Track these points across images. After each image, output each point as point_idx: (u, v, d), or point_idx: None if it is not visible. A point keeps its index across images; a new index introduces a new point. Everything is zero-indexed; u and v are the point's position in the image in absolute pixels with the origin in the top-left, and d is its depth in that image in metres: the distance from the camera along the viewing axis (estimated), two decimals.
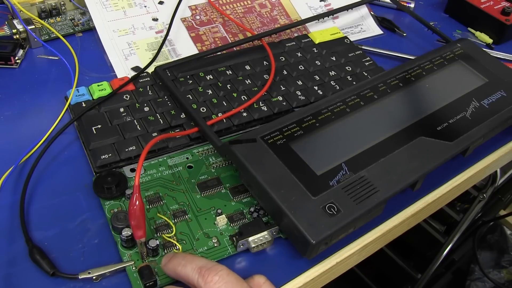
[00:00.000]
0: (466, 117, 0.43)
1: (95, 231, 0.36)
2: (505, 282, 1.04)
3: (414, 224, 0.43)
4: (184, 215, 0.37)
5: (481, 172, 0.46)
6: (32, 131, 0.42)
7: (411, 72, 0.47)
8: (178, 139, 0.41)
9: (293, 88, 0.48)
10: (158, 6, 0.56)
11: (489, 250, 1.08)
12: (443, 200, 0.44)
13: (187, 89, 0.46)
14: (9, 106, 0.45)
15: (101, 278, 0.33)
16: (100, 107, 0.43)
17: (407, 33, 0.62)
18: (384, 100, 0.44)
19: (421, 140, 0.40)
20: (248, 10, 0.59)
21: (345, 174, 0.36)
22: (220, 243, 0.35)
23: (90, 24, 0.54)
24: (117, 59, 0.50)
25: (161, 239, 0.35)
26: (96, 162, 0.39)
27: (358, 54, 0.54)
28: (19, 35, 0.51)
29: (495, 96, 0.46)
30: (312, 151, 0.38)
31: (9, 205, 0.37)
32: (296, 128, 0.39)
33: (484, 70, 0.49)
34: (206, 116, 0.44)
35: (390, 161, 0.38)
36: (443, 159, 0.39)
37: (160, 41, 0.52)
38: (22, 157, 0.39)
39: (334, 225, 0.33)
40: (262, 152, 0.37)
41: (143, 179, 0.39)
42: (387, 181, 0.36)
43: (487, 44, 0.62)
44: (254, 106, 0.45)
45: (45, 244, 0.34)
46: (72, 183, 0.39)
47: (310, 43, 0.54)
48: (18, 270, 0.33)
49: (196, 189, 0.39)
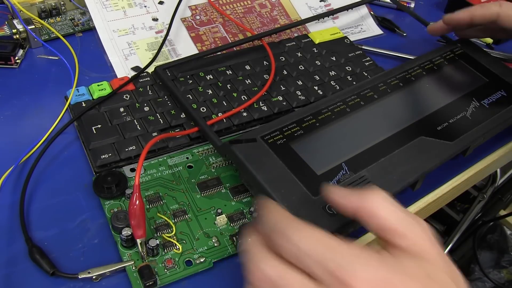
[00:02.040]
0: (466, 117, 0.43)
1: (95, 231, 0.36)
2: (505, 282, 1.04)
3: None
4: (184, 215, 0.37)
5: (481, 172, 0.46)
6: (32, 131, 0.42)
7: (411, 72, 0.47)
8: (178, 139, 0.41)
9: (293, 88, 0.48)
10: (158, 6, 0.56)
11: (489, 250, 1.08)
12: (443, 200, 0.44)
13: (187, 89, 0.46)
14: (9, 106, 0.45)
15: (101, 277, 0.33)
16: (100, 107, 0.43)
17: (407, 33, 0.62)
18: (384, 100, 0.44)
19: (421, 140, 0.40)
20: (248, 10, 0.59)
21: (345, 174, 0.36)
22: (220, 243, 0.35)
23: (90, 24, 0.54)
24: (117, 59, 0.50)
25: (161, 239, 0.35)
26: (96, 162, 0.39)
27: (358, 54, 0.54)
28: (19, 35, 0.51)
29: (495, 96, 0.46)
30: (312, 151, 0.38)
31: (9, 205, 0.37)
32: (296, 128, 0.39)
33: (484, 70, 0.49)
34: (206, 116, 0.44)
35: (390, 161, 0.38)
36: (443, 159, 0.39)
37: (160, 41, 0.52)
38: (22, 157, 0.39)
39: (334, 225, 0.33)
40: (262, 152, 0.36)
41: (143, 179, 0.39)
42: (387, 181, 0.36)
43: (487, 44, 0.62)
44: (254, 106, 0.45)
45: (45, 244, 0.34)
46: (72, 183, 0.39)
47: (310, 43, 0.54)
48: (18, 270, 0.33)
49: (196, 189, 0.39)
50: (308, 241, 0.25)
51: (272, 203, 0.28)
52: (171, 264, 0.33)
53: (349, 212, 0.27)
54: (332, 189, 0.29)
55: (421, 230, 0.26)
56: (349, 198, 0.27)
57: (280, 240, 0.25)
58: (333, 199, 0.28)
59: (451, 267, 0.26)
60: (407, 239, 0.25)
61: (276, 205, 0.28)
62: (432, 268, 0.25)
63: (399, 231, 0.25)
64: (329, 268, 0.23)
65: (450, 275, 0.25)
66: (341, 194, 0.28)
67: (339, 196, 0.28)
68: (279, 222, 0.26)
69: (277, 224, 0.26)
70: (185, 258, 0.34)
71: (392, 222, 0.26)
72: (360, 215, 0.27)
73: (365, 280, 0.23)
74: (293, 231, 0.25)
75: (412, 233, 0.25)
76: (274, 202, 0.28)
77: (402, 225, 0.26)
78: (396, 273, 0.24)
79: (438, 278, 0.24)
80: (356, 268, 0.23)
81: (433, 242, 0.26)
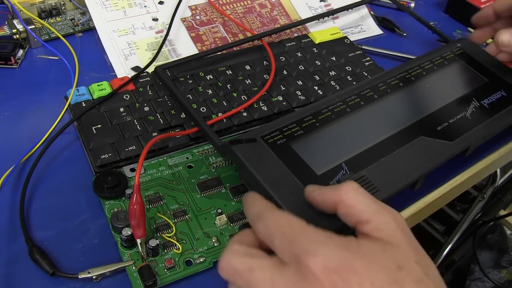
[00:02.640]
0: (466, 117, 0.43)
1: (95, 230, 0.36)
2: (505, 282, 1.04)
3: (414, 224, 0.43)
4: (184, 215, 0.37)
5: (481, 172, 0.46)
6: (32, 131, 0.42)
7: (411, 72, 0.47)
8: (178, 138, 0.41)
9: (293, 88, 0.48)
10: (158, 6, 0.56)
11: (489, 250, 1.08)
12: (443, 200, 0.44)
13: (187, 89, 0.46)
14: (9, 106, 0.45)
15: (101, 277, 0.33)
16: (100, 107, 0.43)
17: (407, 33, 0.62)
18: (384, 100, 0.44)
19: (422, 140, 0.40)
20: (248, 10, 0.59)
21: (345, 174, 0.36)
22: (220, 243, 0.35)
23: (90, 24, 0.54)
24: (117, 59, 0.50)
25: (161, 239, 0.35)
26: (96, 161, 0.39)
27: (358, 54, 0.54)
28: (19, 35, 0.51)
29: (495, 96, 0.46)
30: (312, 151, 0.38)
31: (9, 205, 0.37)
32: (296, 128, 0.39)
33: (484, 70, 0.49)
34: (206, 116, 0.44)
35: (390, 161, 0.38)
36: (443, 159, 0.39)
37: (160, 41, 0.52)
38: (22, 157, 0.39)
39: (334, 225, 0.33)
40: (262, 152, 0.36)
41: (143, 179, 0.39)
42: (387, 181, 0.36)
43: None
44: (254, 106, 0.45)
45: (45, 243, 0.34)
46: (72, 183, 0.39)
47: (310, 43, 0.54)
48: (18, 270, 0.33)
49: (196, 189, 0.39)
50: (280, 224, 0.26)
51: (256, 195, 0.30)
52: (171, 264, 0.33)
53: (330, 208, 0.28)
54: (311, 188, 0.30)
55: (389, 217, 0.26)
56: (327, 195, 0.29)
57: (257, 224, 0.27)
58: (313, 198, 0.30)
59: (421, 255, 0.25)
60: (371, 223, 0.26)
61: (259, 196, 0.30)
62: (400, 255, 0.25)
63: (364, 217, 0.26)
64: (293, 249, 0.24)
65: (421, 264, 0.25)
66: (319, 192, 0.29)
67: (318, 194, 0.29)
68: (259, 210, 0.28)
69: (257, 211, 0.28)
70: (185, 258, 0.34)
71: (360, 209, 0.27)
72: (339, 208, 0.28)
73: (322, 262, 0.23)
74: (269, 215, 0.27)
75: (377, 219, 0.26)
76: (258, 194, 0.30)
77: (367, 211, 0.26)
78: (358, 257, 0.24)
79: (407, 267, 0.24)
80: (317, 251, 0.24)
81: (402, 229, 0.26)
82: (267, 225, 0.27)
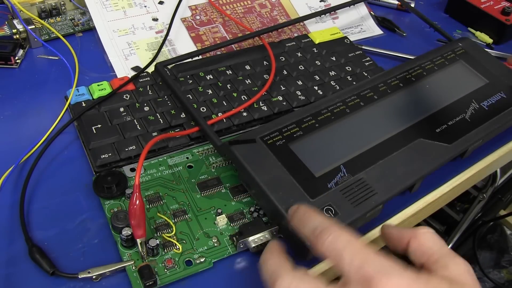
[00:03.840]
0: (465, 119, 0.43)
1: (95, 230, 0.36)
2: (505, 282, 1.04)
3: (414, 224, 0.43)
4: (184, 214, 0.37)
5: (481, 172, 0.46)
6: (32, 131, 0.42)
7: (411, 72, 0.47)
8: (178, 138, 0.42)
9: (293, 88, 0.48)
10: (158, 6, 0.56)
11: (489, 250, 1.08)
12: (443, 200, 0.44)
13: (187, 89, 0.46)
14: (9, 106, 0.45)
15: (101, 277, 0.33)
16: (100, 107, 0.43)
17: (407, 33, 0.62)
18: (384, 101, 0.43)
19: (420, 142, 0.40)
20: (248, 10, 0.59)
21: (344, 176, 0.36)
22: (220, 243, 0.35)
23: (90, 24, 0.54)
24: (117, 59, 0.50)
25: (161, 239, 0.35)
26: (96, 161, 0.39)
27: (358, 54, 0.54)
28: (19, 35, 0.51)
29: (494, 98, 0.46)
30: (311, 152, 0.37)
31: (9, 205, 0.37)
32: (296, 128, 0.39)
33: (485, 70, 0.49)
34: (206, 116, 0.44)
35: (388, 163, 0.38)
36: (441, 161, 0.39)
37: (160, 41, 0.52)
38: (22, 157, 0.39)
39: None
40: (261, 152, 0.36)
41: (143, 179, 0.39)
42: (385, 183, 0.36)
43: (487, 44, 0.62)
44: (254, 106, 0.45)
45: (45, 243, 0.34)
46: (72, 183, 0.39)
47: (310, 43, 0.54)
48: (18, 270, 0.33)
49: (196, 188, 0.39)
50: (352, 243, 0.26)
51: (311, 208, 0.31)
52: (171, 264, 0.33)
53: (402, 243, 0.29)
54: (388, 225, 0.32)
55: (460, 260, 0.27)
56: (404, 230, 0.30)
57: (323, 236, 0.27)
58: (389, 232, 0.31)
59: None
60: (441, 262, 0.27)
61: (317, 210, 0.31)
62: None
63: (436, 255, 0.27)
64: (364, 271, 0.25)
65: None
66: (397, 228, 0.31)
67: (395, 229, 0.31)
68: (322, 222, 0.28)
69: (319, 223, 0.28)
70: (185, 258, 0.34)
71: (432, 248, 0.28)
72: (412, 243, 0.29)
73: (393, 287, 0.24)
74: (337, 231, 0.27)
75: (448, 259, 0.27)
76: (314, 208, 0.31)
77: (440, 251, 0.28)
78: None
79: None
80: (390, 276, 0.24)
81: (471, 274, 0.27)
82: (336, 241, 0.26)
